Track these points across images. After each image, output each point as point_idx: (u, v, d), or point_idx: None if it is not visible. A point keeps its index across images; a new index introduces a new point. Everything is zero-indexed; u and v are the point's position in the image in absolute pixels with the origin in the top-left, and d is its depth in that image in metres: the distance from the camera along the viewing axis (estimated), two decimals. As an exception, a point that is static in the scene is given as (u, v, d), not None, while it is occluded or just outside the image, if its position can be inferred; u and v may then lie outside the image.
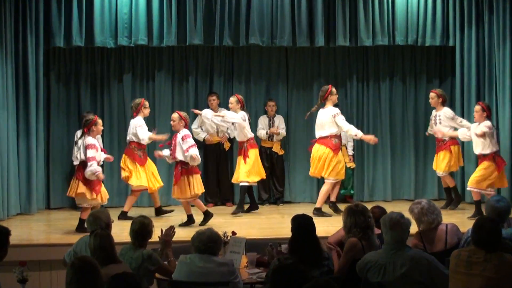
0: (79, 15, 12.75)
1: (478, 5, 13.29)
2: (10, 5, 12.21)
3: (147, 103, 12.17)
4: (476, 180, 11.80)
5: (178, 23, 12.93)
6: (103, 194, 11.07)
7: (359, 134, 12.19)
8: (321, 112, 12.26)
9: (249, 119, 12.54)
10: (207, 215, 11.42)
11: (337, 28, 13.19)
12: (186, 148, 11.17)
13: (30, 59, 12.58)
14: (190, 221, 11.32)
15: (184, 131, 11.35)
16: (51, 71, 13.53)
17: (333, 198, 12.56)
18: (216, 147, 13.64)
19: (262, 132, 13.67)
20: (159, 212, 12.35)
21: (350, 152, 13.66)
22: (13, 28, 12.34)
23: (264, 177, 12.86)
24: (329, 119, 12.10)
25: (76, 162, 12.08)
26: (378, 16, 13.28)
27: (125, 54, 13.70)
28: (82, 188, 10.79)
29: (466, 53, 13.42)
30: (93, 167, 10.71)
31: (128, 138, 12.12)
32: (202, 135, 13.45)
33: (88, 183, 10.82)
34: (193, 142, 11.34)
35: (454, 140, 12.55)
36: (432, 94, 12.73)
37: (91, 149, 10.81)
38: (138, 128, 11.97)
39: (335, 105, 12.38)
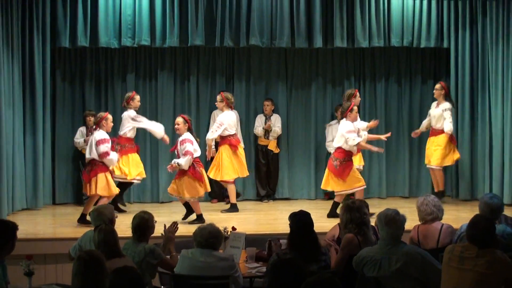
0: (84, 16, 12.78)
1: (472, 8, 13.32)
2: (18, 6, 12.24)
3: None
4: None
5: (180, 25, 12.94)
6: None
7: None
8: None
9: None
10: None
11: (335, 30, 13.20)
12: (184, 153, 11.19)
13: (37, 59, 12.62)
14: (200, 219, 11.27)
15: (185, 135, 11.30)
16: (56, 70, 13.55)
17: None
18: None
19: (258, 129, 13.70)
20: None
21: None
22: (20, 29, 12.37)
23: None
24: None
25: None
26: (374, 18, 13.29)
27: (129, 54, 13.71)
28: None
29: (460, 55, 13.44)
30: (112, 159, 11.23)
31: None
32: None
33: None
34: (191, 148, 11.21)
35: None
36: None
37: (102, 144, 11.08)
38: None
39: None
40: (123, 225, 9.10)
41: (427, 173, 13.77)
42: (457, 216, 11.55)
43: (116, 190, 11.40)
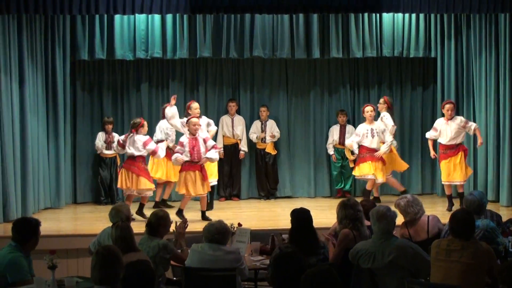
0: (101, 31, 12.84)
1: (457, 21, 13.32)
2: (40, 22, 12.26)
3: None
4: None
5: (190, 38, 12.97)
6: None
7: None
8: None
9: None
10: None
11: (331, 42, 13.23)
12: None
13: (58, 70, 12.65)
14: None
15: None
16: (76, 81, 13.55)
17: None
18: (232, 148, 13.64)
19: (253, 136, 13.68)
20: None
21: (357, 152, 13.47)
22: (43, 43, 12.39)
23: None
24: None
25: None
26: (367, 31, 13.32)
27: (143, 66, 13.71)
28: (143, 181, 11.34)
29: (446, 64, 13.46)
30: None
31: None
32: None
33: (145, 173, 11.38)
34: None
35: None
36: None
37: (150, 142, 11.39)
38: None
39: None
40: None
41: (416, 172, 13.86)
42: (444, 212, 11.55)
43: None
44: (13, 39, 11.36)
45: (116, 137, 13.10)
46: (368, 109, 12.65)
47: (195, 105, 12.24)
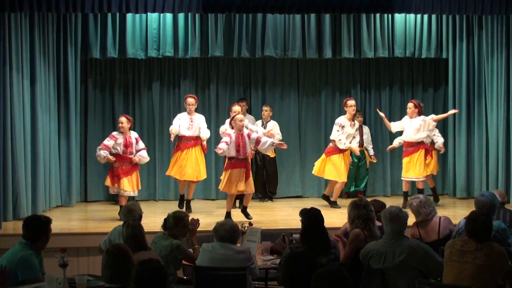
0: (113, 30, 12.83)
1: (469, 21, 13.28)
2: (53, 21, 12.28)
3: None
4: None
5: (201, 37, 12.96)
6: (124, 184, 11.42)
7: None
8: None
9: None
10: None
11: (343, 42, 13.21)
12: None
13: (70, 69, 12.66)
14: None
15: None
16: (88, 79, 13.57)
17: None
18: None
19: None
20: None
21: (371, 152, 13.57)
22: (55, 41, 12.40)
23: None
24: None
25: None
26: (379, 31, 13.28)
27: (154, 65, 13.71)
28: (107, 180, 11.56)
29: (458, 65, 13.42)
30: (97, 152, 11.46)
31: None
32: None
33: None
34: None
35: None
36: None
37: (107, 139, 11.57)
38: None
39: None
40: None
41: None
42: (455, 212, 11.52)
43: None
44: (25, 37, 11.38)
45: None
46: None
47: (234, 108, 12.24)
